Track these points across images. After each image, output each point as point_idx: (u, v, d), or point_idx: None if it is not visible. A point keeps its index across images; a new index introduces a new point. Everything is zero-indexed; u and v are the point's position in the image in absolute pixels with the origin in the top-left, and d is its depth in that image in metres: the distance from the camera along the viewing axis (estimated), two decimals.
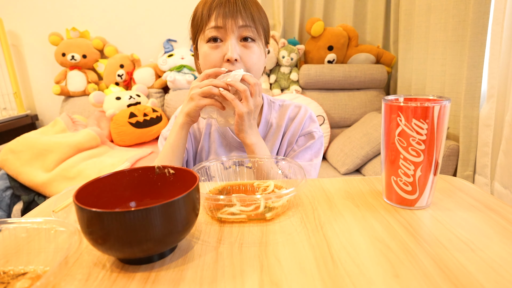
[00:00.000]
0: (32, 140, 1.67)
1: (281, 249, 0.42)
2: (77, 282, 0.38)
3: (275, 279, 0.37)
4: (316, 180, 0.65)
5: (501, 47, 1.37)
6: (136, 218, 0.36)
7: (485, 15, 1.42)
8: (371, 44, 2.34)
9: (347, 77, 2.17)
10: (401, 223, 0.48)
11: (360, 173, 1.89)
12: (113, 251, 0.39)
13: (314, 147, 0.84)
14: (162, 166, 0.49)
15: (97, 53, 2.32)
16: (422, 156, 0.49)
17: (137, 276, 0.38)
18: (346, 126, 2.19)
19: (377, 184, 0.63)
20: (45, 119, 2.51)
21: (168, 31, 2.37)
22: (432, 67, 1.80)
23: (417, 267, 0.38)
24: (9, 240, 0.42)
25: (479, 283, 0.35)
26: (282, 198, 0.50)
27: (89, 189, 0.43)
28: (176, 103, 2.17)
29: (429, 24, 1.80)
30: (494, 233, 0.45)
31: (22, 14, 2.31)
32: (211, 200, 0.49)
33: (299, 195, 0.58)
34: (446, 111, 0.48)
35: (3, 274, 0.38)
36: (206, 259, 0.41)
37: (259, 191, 0.59)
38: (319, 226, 0.48)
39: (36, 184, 1.57)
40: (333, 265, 0.39)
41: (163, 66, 2.25)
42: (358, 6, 2.29)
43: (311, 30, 2.14)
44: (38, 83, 2.45)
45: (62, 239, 0.40)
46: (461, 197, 0.56)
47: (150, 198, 0.49)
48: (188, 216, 0.41)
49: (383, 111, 0.52)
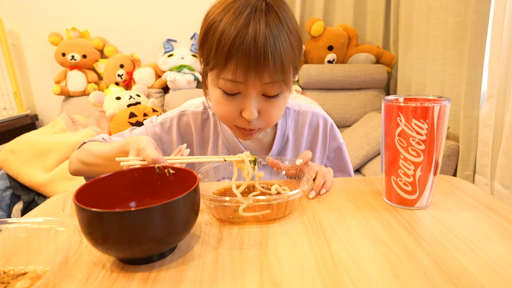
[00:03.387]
0: (32, 140, 1.67)
1: (281, 249, 0.42)
2: (77, 282, 0.38)
3: (275, 279, 0.37)
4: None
5: (501, 47, 1.37)
6: (136, 218, 0.36)
7: (485, 15, 1.42)
8: (371, 44, 2.34)
9: (347, 77, 2.17)
10: (401, 223, 0.48)
11: (360, 173, 1.89)
12: (113, 251, 0.39)
13: (345, 156, 0.83)
14: (162, 166, 0.49)
15: (97, 53, 2.32)
16: (422, 156, 0.49)
17: (137, 276, 0.38)
18: (346, 126, 2.19)
19: (377, 184, 0.63)
20: (45, 119, 2.51)
21: (168, 31, 2.37)
22: (432, 67, 1.80)
23: (417, 267, 0.38)
24: (9, 240, 0.42)
25: (479, 283, 0.35)
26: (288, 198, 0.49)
27: (89, 189, 0.43)
28: (176, 103, 2.17)
29: (429, 24, 1.80)
30: (494, 233, 0.45)
31: (22, 14, 2.31)
32: (216, 201, 0.48)
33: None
34: (446, 111, 0.48)
35: (3, 274, 0.38)
36: (206, 259, 0.41)
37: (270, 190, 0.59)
38: (319, 226, 0.48)
39: (36, 184, 1.57)
40: (333, 265, 0.39)
41: (163, 66, 2.25)
42: (358, 6, 2.28)
43: (311, 30, 2.14)
44: (38, 83, 2.45)
45: (62, 239, 0.40)
46: (461, 197, 0.56)
47: (150, 198, 0.49)
48: (188, 216, 0.41)
49: (383, 111, 0.52)
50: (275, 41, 0.54)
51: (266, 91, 0.59)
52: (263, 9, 0.55)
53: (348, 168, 0.83)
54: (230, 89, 0.58)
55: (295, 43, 0.58)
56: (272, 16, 0.55)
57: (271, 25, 0.54)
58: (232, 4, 0.56)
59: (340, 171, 0.83)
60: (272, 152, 0.75)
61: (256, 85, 0.57)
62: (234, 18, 0.54)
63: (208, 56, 0.58)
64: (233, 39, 0.53)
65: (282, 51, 0.55)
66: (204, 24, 0.59)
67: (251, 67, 0.54)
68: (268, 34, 0.54)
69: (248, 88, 0.58)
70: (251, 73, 0.55)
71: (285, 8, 0.58)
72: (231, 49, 0.54)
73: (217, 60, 0.56)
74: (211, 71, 0.59)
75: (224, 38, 0.54)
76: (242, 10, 0.54)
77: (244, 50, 0.53)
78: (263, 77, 0.56)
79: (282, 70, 0.56)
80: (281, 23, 0.55)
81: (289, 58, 0.56)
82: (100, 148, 0.66)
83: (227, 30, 0.54)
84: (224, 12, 0.55)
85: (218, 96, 0.61)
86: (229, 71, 0.56)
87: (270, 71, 0.55)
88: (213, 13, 0.58)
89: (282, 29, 0.55)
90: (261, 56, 0.53)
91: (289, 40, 0.56)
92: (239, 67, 0.54)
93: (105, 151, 0.64)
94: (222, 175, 0.64)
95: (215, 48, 0.55)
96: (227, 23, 0.54)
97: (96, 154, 0.66)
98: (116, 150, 0.61)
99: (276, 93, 0.60)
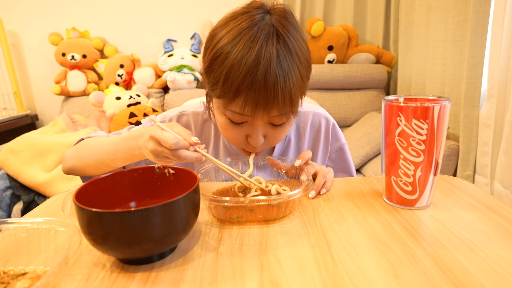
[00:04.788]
0: (32, 140, 1.67)
1: (281, 249, 0.42)
2: (77, 282, 0.38)
3: (275, 279, 0.37)
4: None
5: (501, 47, 1.37)
6: (136, 218, 0.36)
7: (485, 15, 1.42)
8: (371, 44, 2.33)
9: (347, 77, 2.17)
10: (401, 223, 0.48)
11: (360, 173, 1.89)
12: (113, 251, 0.39)
13: (347, 157, 0.82)
14: (162, 166, 0.49)
15: (97, 53, 2.32)
16: (422, 156, 0.49)
17: (137, 276, 0.38)
18: (346, 126, 2.19)
19: (377, 184, 0.63)
20: (45, 119, 2.51)
21: (168, 31, 2.37)
22: (432, 67, 1.80)
23: (417, 267, 0.38)
24: (9, 240, 0.42)
25: (479, 283, 0.35)
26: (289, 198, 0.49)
27: (89, 189, 0.43)
28: (176, 103, 2.17)
29: (429, 24, 1.80)
30: (494, 233, 0.44)
31: (22, 14, 2.31)
32: (216, 201, 0.48)
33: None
34: (446, 111, 0.48)
35: (3, 274, 0.38)
36: (206, 259, 0.41)
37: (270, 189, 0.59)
38: (319, 226, 0.48)
39: (36, 184, 1.57)
40: (333, 265, 0.39)
41: (163, 66, 2.25)
42: (358, 6, 2.28)
43: (311, 30, 2.13)
44: (38, 83, 2.45)
45: (62, 239, 0.40)
46: (461, 197, 0.56)
47: (150, 198, 0.49)
48: (188, 216, 0.41)
49: (383, 111, 0.52)
50: (285, 78, 0.52)
51: (273, 121, 0.59)
52: (274, 42, 0.52)
53: (350, 169, 0.82)
54: (237, 120, 0.58)
55: (304, 73, 0.56)
56: (282, 49, 0.53)
57: (281, 60, 0.52)
58: (242, 34, 0.53)
59: (342, 172, 0.82)
60: (274, 153, 0.75)
61: (264, 118, 0.57)
62: (243, 54, 0.51)
63: (214, 84, 0.56)
64: (243, 77, 0.51)
65: (291, 87, 0.53)
66: (210, 48, 0.56)
67: (260, 104, 0.53)
68: (279, 72, 0.52)
69: (255, 120, 0.57)
70: (259, 109, 0.54)
71: (295, 34, 0.55)
72: (240, 87, 0.52)
73: (225, 93, 0.54)
74: (218, 98, 0.58)
75: (232, 75, 0.52)
76: (252, 45, 0.52)
77: (253, 89, 0.52)
78: (272, 111, 0.55)
79: (291, 104, 0.55)
80: (291, 55, 0.53)
81: (298, 91, 0.55)
82: (99, 142, 0.65)
83: (236, 67, 0.52)
84: (233, 43, 0.53)
85: (224, 123, 0.60)
86: (237, 105, 0.55)
87: (279, 106, 0.54)
88: (220, 40, 0.54)
89: (293, 63, 0.54)
90: (271, 94, 0.52)
91: (299, 72, 0.54)
92: (248, 103, 0.53)
93: (105, 144, 0.63)
94: (222, 176, 0.64)
95: (222, 81, 0.53)
96: (236, 57, 0.52)
97: (95, 148, 0.64)
98: (123, 141, 0.60)
99: (282, 123, 0.59)
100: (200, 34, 2.35)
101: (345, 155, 0.82)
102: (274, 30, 0.53)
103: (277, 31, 0.53)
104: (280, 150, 0.76)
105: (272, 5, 0.56)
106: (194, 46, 2.33)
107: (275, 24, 0.54)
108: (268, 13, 0.55)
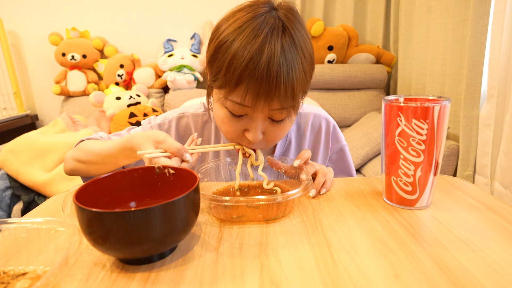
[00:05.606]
0: (32, 140, 1.67)
1: (281, 249, 0.42)
2: (77, 282, 0.38)
3: (275, 279, 0.37)
4: None
5: (501, 47, 1.37)
6: (136, 218, 0.36)
7: (485, 15, 1.42)
8: (371, 44, 2.33)
9: (347, 77, 2.17)
10: (401, 223, 0.48)
11: (360, 173, 1.89)
12: (113, 251, 0.39)
13: (347, 158, 0.82)
14: (162, 166, 0.49)
15: (97, 53, 2.32)
16: (422, 156, 0.49)
17: (137, 276, 0.38)
18: (346, 126, 2.19)
19: (377, 184, 0.63)
20: (45, 119, 2.51)
21: (168, 31, 2.37)
22: (432, 67, 1.80)
23: (417, 267, 0.38)
24: (9, 240, 0.42)
25: (479, 283, 0.35)
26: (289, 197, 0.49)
27: (89, 189, 0.43)
28: (176, 103, 2.17)
29: (429, 24, 1.80)
30: (494, 233, 0.45)
31: (22, 14, 2.31)
32: (216, 201, 0.48)
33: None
34: (446, 111, 0.48)
35: (3, 274, 0.38)
36: (206, 259, 0.41)
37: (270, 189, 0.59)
38: (319, 226, 0.48)
39: (36, 184, 1.57)
40: (333, 265, 0.39)
41: (163, 66, 2.25)
42: (358, 6, 2.28)
43: (311, 30, 2.13)
44: (38, 83, 2.45)
45: (62, 239, 0.40)
46: (461, 197, 0.56)
47: (150, 198, 0.49)
48: (188, 216, 0.41)
49: (383, 111, 0.52)
50: (289, 69, 0.52)
51: (273, 116, 0.58)
52: (279, 33, 0.52)
53: (351, 170, 0.82)
54: (237, 111, 0.57)
55: (308, 68, 0.56)
56: (287, 41, 0.53)
57: (285, 51, 0.52)
58: (248, 24, 0.53)
59: (342, 173, 0.82)
60: (275, 154, 0.75)
61: (264, 110, 0.56)
62: (248, 41, 0.51)
63: (216, 74, 0.56)
64: (246, 64, 0.51)
65: (294, 79, 0.53)
66: (215, 38, 0.56)
67: (261, 94, 0.52)
68: (283, 62, 0.51)
69: (255, 112, 0.56)
70: (260, 99, 0.53)
71: (301, 29, 0.55)
72: (242, 74, 0.51)
73: (227, 82, 0.54)
74: (219, 89, 0.57)
75: (236, 62, 0.52)
76: (257, 33, 0.51)
77: (256, 77, 0.51)
78: (273, 103, 0.54)
79: (292, 97, 0.54)
80: (296, 48, 0.53)
81: (300, 85, 0.55)
82: (99, 146, 0.65)
83: (239, 53, 0.51)
84: (238, 31, 0.52)
85: (223, 116, 0.59)
86: (238, 94, 0.54)
87: (280, 98, 0.53)
88: (225, 30, 0.54)
89: (297, 55, 0.53)
90: (273, 84, 0.51)
91: (302, 66, 0.54)
92: (249, 92, 0.53)
93: (105, 149, 0.63)
94: (223, 176, 0.64)
95: (225, 69, 0.53)
96: (240, 45, 0.51)
97: (95, 151, 0.65)
98: (117, 147, 0.60)
99: (283, 118, 0.58)
100: (200, 34, 2.35)
101: (346, 157, 0.81)
102: (280, 22, 0.53)
103: (283, 24, 0.53)
104: (280, 151, 0.76)
105: (278, 3, 0.57)
106: (194, 46, 2.33)
107: (282, 17, 0.54)
108: (275, 9, 0.55)
